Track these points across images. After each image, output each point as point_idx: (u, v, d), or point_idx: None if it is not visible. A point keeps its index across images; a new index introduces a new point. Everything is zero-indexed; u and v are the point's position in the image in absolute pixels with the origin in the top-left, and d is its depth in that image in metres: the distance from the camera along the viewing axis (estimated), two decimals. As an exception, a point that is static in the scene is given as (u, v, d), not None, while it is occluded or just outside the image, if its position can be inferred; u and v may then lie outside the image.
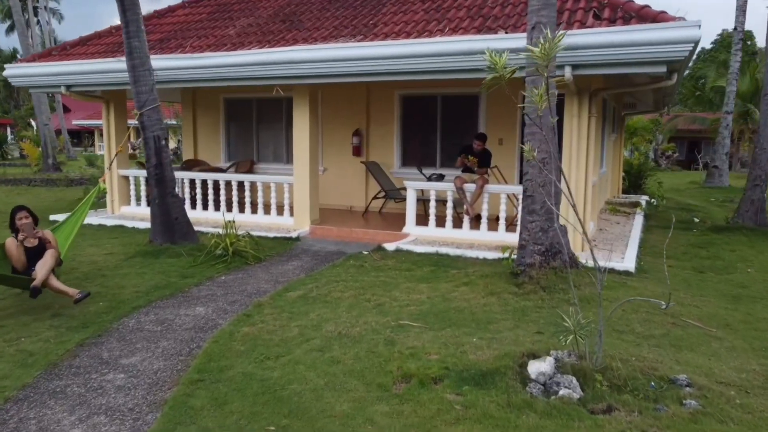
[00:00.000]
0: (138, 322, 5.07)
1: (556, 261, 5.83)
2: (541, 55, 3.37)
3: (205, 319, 5.16)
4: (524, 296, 5.63)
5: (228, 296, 5.88)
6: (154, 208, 7.63)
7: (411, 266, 7.07)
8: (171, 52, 9.46)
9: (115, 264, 7.09)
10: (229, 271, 6.87)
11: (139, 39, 7.27)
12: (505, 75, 3.67)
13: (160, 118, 7.61)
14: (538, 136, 5.80)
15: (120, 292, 5.90)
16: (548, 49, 3.37)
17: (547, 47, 3.37)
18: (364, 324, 4.93)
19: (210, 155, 12.77)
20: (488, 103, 10.27)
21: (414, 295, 5.80)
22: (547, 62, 3.39)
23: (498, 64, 3.64)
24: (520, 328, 4.86)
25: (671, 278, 6.96)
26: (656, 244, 9.22)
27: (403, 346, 4.39)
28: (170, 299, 5.76)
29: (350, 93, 11.09)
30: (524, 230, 5.99)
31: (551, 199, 5.87)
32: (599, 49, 6.54)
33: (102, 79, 9.80)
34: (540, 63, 3.44)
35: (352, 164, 11.31)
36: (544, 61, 3.38)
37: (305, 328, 4.85)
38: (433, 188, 8.77)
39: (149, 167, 7.57)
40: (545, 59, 3.36)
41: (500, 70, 3.65)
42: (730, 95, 18.73)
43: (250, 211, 9.89)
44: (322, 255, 7.83)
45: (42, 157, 21.48)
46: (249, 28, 9.58)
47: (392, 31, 8.09)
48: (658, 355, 4.32)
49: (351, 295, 5.78)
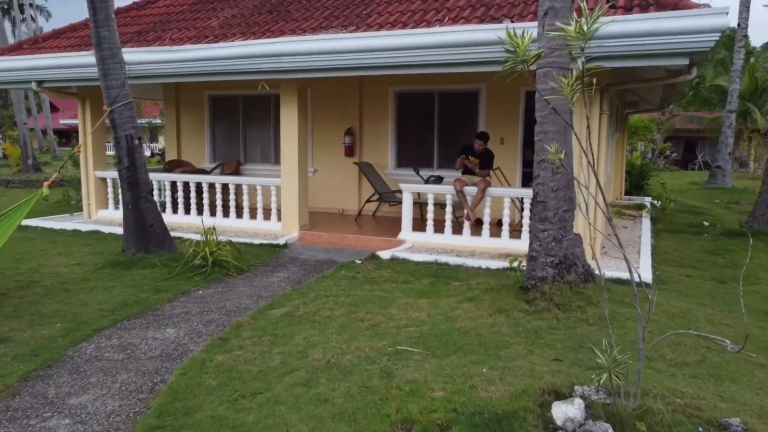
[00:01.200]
0: (97, 348, 4.42)
1: (571, 274, 5.23)
2: (576, 35, 2.75)
3: (175, 344, 4.51)
4: (536, 315, 5.02)
5: (204, 314, 5.24)
6: (127, 214, 6.97)
7: (408, 278, 6.45)
8: (149, 44, 8.81)
9: (81, 276, 6.42)
10: (207, 284, 6.23)
11: (108, 28, 6.60)
12: (529, 59, 3.06)
13: (133, 116, 6.95)
14: (551, 135, 5.19)
15: (82, 310, 5.24)
16: (586, 28, 2.77)
17: (582, 25, 2.76)
18: (356, 350, 4.30)
19: (194, 156, 12.10)
20: (489, 100, 9.66)
21: (412, 312, 5.18)
22: (584, 43, 2.78)
23: (520, 47, 3.03)
24: (535, 354, 4.25)
25: (692, 290, 6.38)
26: (668, 250, 8.66)
27: (401, 379, 3.77)
28: (139, 318, 5.11)
29: (342, 89, 10.47)
30: (535, 240, 5.38)
31: (566, 204, 5.27)
32: (615, 39, 5.94)
33: (76, 74, 9.13)
34: (576, 44, 2.83)
35: (344, 165, 10.68)
36: (582, 42, 2.76)
37: (289, 355, 4.22)
38: (431, 191, 8.15)
39: (121, 169, 6.90)
40: (583, 39, 2.75)
41: (522, 54, 3.04)
42: (733, 93, 18.24)
43: (235, 216, 9.25)
44: (311, 264, 7.19)
45: (22, 157, 20.71)
46: (233, 20, 8.93)
47: (387, 22, 7.47)
48: (698, 388, 3.72)
49: (342, 313, 5.15)
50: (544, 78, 5.26)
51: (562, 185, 5.24)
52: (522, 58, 3.09)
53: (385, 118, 10.43)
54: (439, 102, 10.08)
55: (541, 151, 5.28)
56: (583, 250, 5.46)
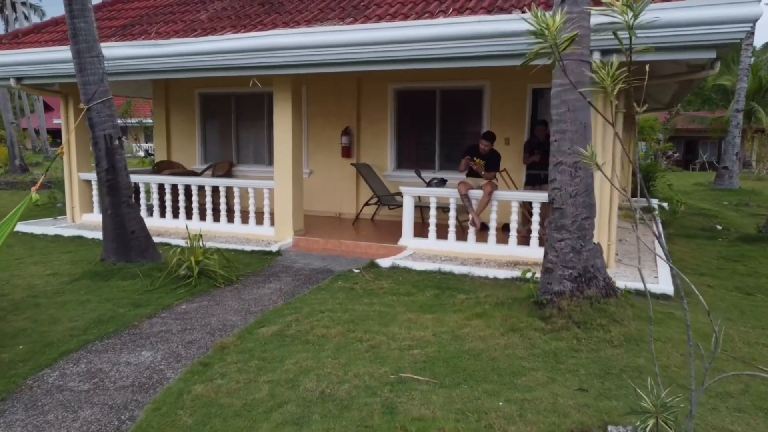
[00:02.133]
0: (62, 375, 3.91)
1: (591, 288, 4.73)
2: (623, 8, 2.27)
3: (150, 369, 4.01)
4: (554, 334, 4.52)
5: (186, 333, 4.73)
6: (106, 220, 6.45)
7: (410, 289, 5.95)
8: (134, 39, 8.29)
9: (55, 288, 5.91)
10: (192, 297, 5.72)
11: (85, 19, 6.08)
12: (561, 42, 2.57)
13: (113, 114, 6.42)
14: (569, 134, 4.70)
15: (50, 329, 4.73)
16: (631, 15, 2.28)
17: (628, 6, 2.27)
18: (354, 377, 3.81)
19: (185, 156, 11.58)
20: (494, 98, 9.17)
21: (416, 331, 4.68)
22: (633, 20, 2.30)
23: (551, 27, 2.53)
24: (556, 383, 3.76)
25: (717, 303, 5.90)
26: (684, 257, 8.18)
27: (406, 415, 3.28)
28: (113, 338, 4.60)
29: (338, 86, 9.97)
30: (551, 250, 4.88)
31: (585, 211, 4.78)
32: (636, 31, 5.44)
33: (57, 70, 8.61)
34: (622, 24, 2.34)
35: (341, 167, 10.17)
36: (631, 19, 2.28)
37: (278, 384, 3.71)
38: (434, 195, 7.65)
39: (99, 172, 6.38)
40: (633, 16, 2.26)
41: (553, 37, 2.54)
42: (741, 92, 17.80)
43: (226, 221, 8.74)
44: (306, 273, 6.69)
45: (9, 157, 20.13)
46: (223, 12, 8.42)
47: (387, 13, 6.97)
48: (747, 426, 3.24)
49: (338, 332, 4.65)
50: (560, 71, 4.76)
51: (581, 190, 4.75)
52: (553, 41, 2.59)
53: (385, 117, 9.93)
54: (440, 100, 9.58)
55: (558, 152, 4.78)
56: (603, 261, 4.97)
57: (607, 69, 2.56)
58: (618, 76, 2.51)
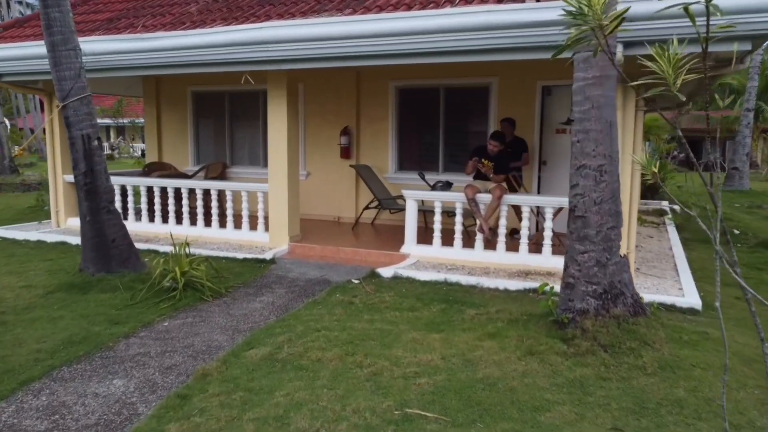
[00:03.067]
0: (18, 411, 3.41)
1: (618, 306, 4.24)
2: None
3: (120, 403, 3.51)
4: (578, 359, 4.03)
5: (165, 356, 4.24)
6: (85, 227, 5.95)
7: (415, 303, 5.45)
8: (120, 32, 7.81)
9: (27, 303, 5.41)
10: (176, 312, 5.23)
11: (60, 8, 5.59)
12: (607, 26, 2.08)
13: (91, 112, 5.92)
14: (593, 134, 4.21)
15: (13, 353, 4.23)
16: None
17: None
18: (353, 414, 3.31)
19: (177, 157, 11.09)
20: (501, 96, 8.67)
21: (423, 354, 4.19)
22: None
23: (594, 7, 2.05)
24: (586, 420, 3.26)
25: (749, 317, 5.39)
26: (704, 264, 7.68)
27: (415, 465, 2.78)
28: (83, 362, 4.11)
29: (337, 83, 9.47)
30: (572, 263, 4.38)
31: (611, 220, 4.29)
32: (664, 20, 4.95)
33: (40, 66, 8.06)
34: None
35: (339, 168, 9.68)
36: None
37: (265, 423, 3.22)
38: (438, 199, 7.16)
39: (77, 175, 5.88)
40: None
41: (597, 17, 2.06)
42: (751, 91, 17.38)
43: (218, 226, 8.24)
44: (301, 284, 6.20)
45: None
46: (213, 4, 7.93)
47: (388, 3, 6.47)
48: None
49: (336, 355, 4.16)
50: (584, 65, 4.27)
51: (607, 196, 4.25)
52: (597, 23, 2.11)
53: (386, 116, 9.44)
54: (445, 98, 9.09)
55: (581, 154, 4.29)
56: (631, 276, 4.48)
57: (667, 56, 2.08)
58: (680, 66, 2.03)
